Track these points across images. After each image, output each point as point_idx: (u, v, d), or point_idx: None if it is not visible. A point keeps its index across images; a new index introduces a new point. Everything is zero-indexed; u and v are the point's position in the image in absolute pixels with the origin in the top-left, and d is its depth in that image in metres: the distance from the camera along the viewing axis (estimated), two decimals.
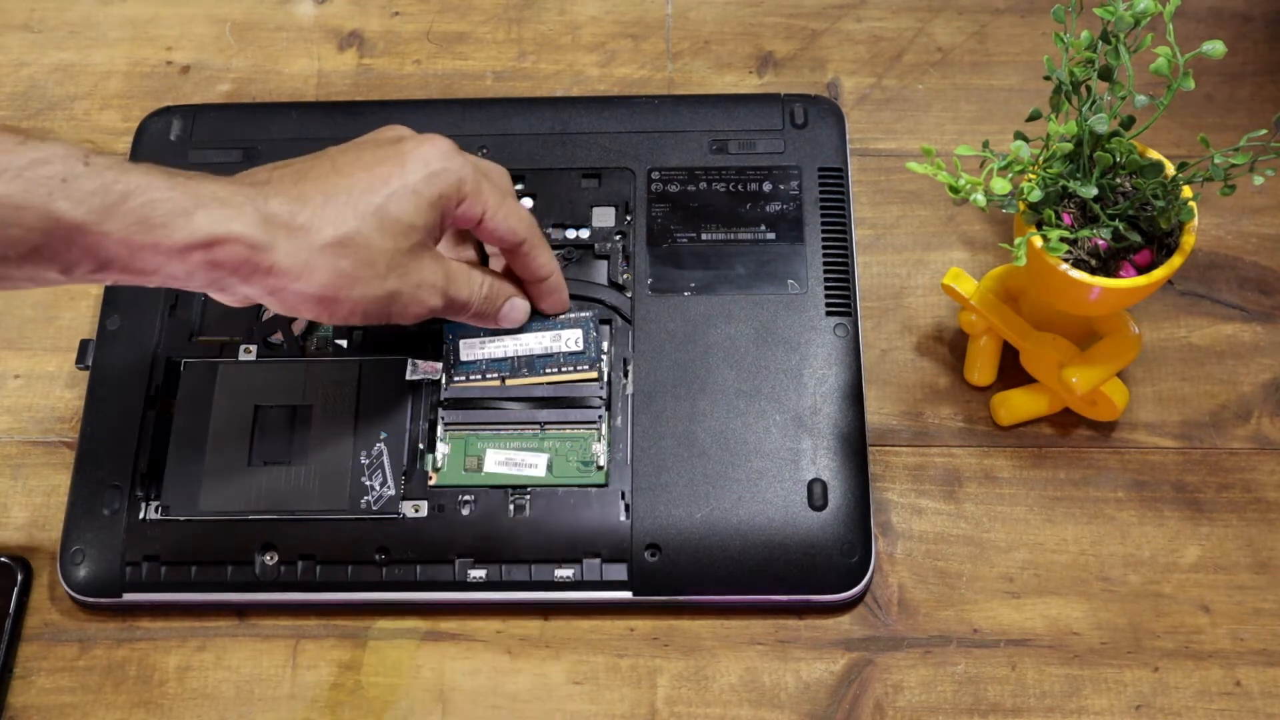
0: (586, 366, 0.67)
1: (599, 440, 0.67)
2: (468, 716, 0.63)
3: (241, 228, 0.54)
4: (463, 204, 0.61)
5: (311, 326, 0.70)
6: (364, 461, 0.66)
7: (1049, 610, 0.65)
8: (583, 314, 0.69)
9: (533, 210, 0.72)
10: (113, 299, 0.71)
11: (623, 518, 0.65)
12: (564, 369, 0.67)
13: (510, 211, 0.63)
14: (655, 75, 0.81)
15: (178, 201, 0.53)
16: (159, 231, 0.53)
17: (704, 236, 0.71)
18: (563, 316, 0.68)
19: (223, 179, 0.56)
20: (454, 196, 0.60)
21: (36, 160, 0.51)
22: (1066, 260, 0.60)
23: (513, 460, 0.66)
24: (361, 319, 0.59)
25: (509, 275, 0.67)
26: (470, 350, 0.68)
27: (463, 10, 0.84)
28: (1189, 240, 0.60)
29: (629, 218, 0.72)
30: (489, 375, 0.67)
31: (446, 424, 0.67)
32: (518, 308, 0.66)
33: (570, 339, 0.68)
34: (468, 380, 0.67)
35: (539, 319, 0.68)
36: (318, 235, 0.56)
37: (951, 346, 0.72)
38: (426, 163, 0.59)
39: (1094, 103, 0.57)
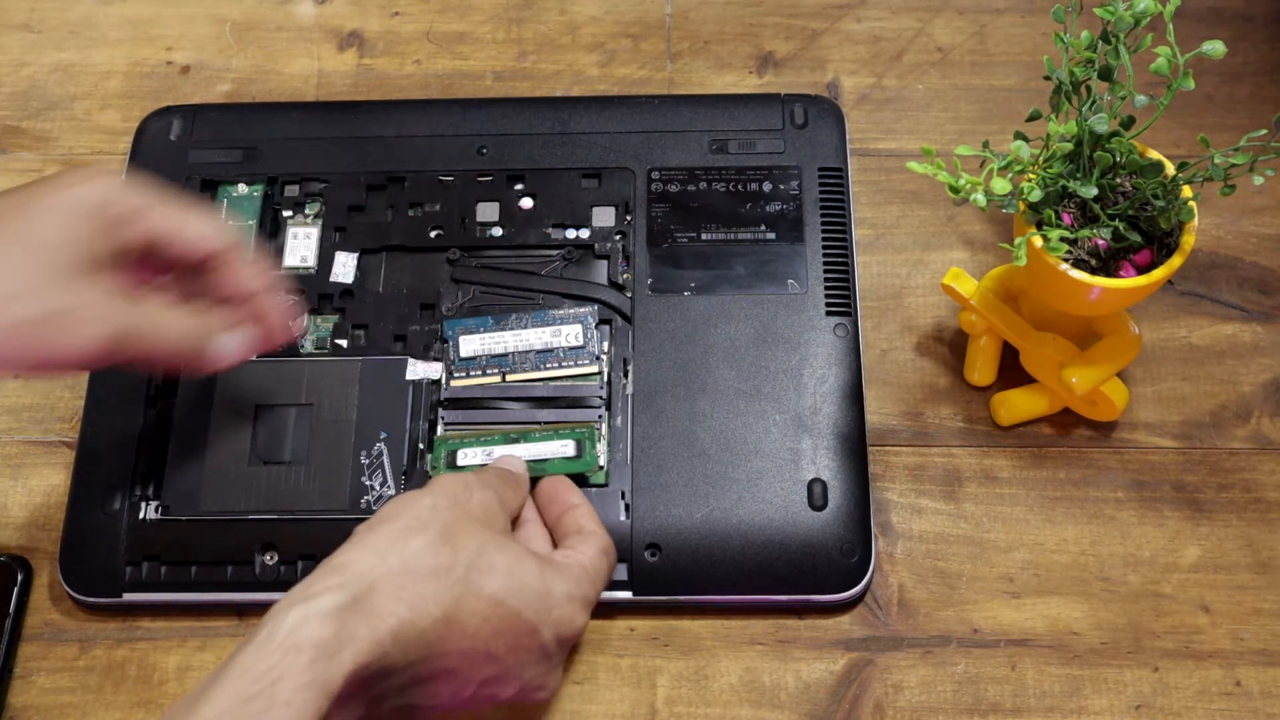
0: (587, 361, 0.68)
1: (599, 440, 0.67)
2: (468, 716, 0.63)
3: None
4: (130, 218, 0.57)
5: (311, 327, 0.70)
6: (364, 461, 0.66)
7: (1049, 610, 0.65)
8: (581, 309, 0.69)
9: (532, 210, 0.72)
10: None
11: (623, 518, 0.65)
12: (564, 364, 0.67)
13: (197, 220, 0.59)
14: (655, 75, 0.81)
15: None
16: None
17: (704, 236, 0.71)
18: (562, 312, 0.68)
19: None
20: (113, 208, 0.56)
21: None
22: (1066, 260, 0.60)
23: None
24: (17, 357, 0.54)
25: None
26: (470, 346, 0.68)
27: (463, 10, 0.84)
28: (1189, 240, 0.60)
29: (629, 218, 0.72)
30: (489, 371, 0.67)
31: (447, 424, 0.67)
32: (231, 342, 0.60)
33: (570, 334, 0.68)
34: (468, 376, 0.67)
35: (539, 314, 0.68)
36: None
37: (951, 346, 0.72)
38: (78, 180, 0.56)
39: (1094, 103, 0.57)
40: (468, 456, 0.65)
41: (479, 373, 0.68)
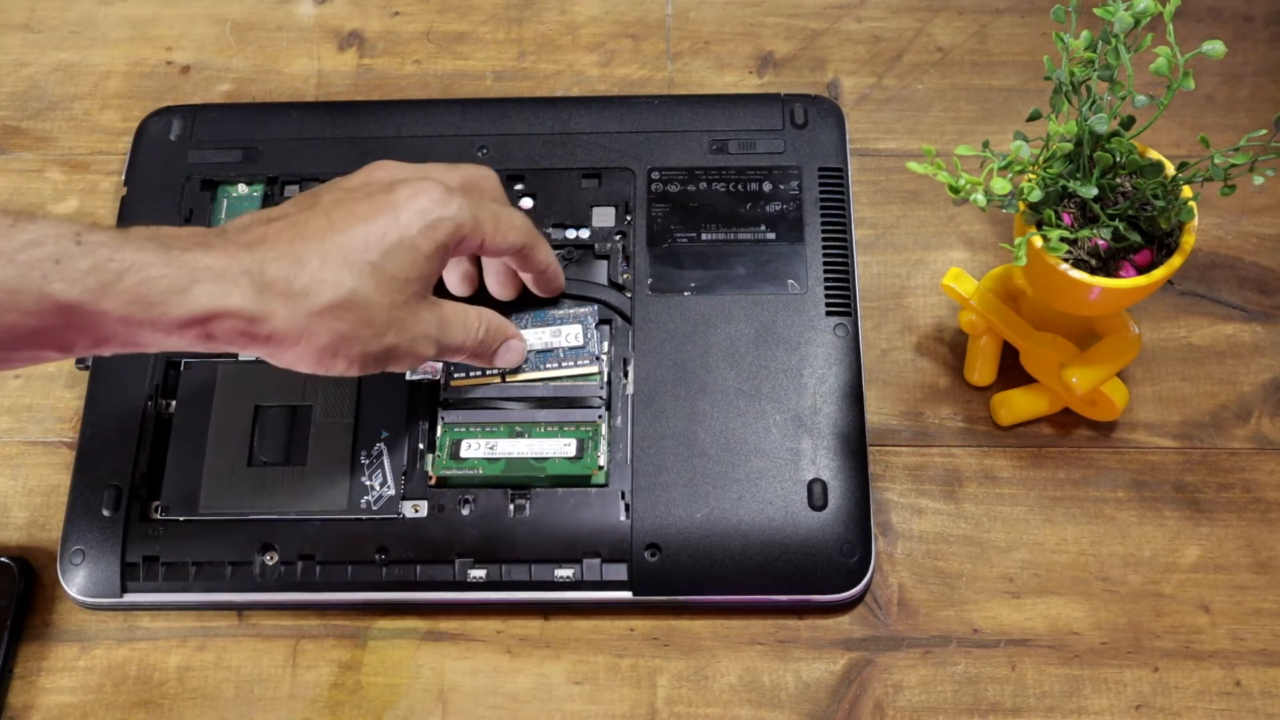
0: (587, 361, 0.68)
1: (600, 440, 0.66)
2: (468, 716, 0.63)
3: (239, 301, 0.54)
4: (461, 244, 0.60)
5: None
6: (364, 461, 0.66)
7: (1049, 610, 0.65)
8: (581, 309, 0.69)
9: (533, 210, 0.72)
10: None
11: (623, 518, 0.65)
12: (564, 364, 0.67)
13: (507, 226, 0.62)
14: (655, 75, 0.81)
15: (173, 278, 0.52)
16: (155, 309, 0.52)
17: (704, 236, 0.71)
18: (562, 312, 0.69)
19: (216, 244, 0.55)
20: (451, 243, 0.59)
21: (29, 243, 0.50)
22: (1066, 260, 0.60)
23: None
24: (358, 372, 0.58)
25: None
26: None
27: (463, 10, 0.84)
28: (1189, 240, 0.60)
29: (629, 218, 0.72)
30: (489, 371, 0.67)
31: (446, 424, 0.67)
32: (514, 349, 0.66)
33: (570, 334, 0.68)
34: (468, 377, 0.67)
35: (539, 314, 0.68)
36: (316, 299, 0.55)
37: (951, 346, 0.72)
38: (423, 214, 0.58)
39: (1094, 103, 0.57)
40: (471, 448, 0.66)
41: (479, 373, 0.68)
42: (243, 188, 0.74)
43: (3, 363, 0.52)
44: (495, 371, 0.67)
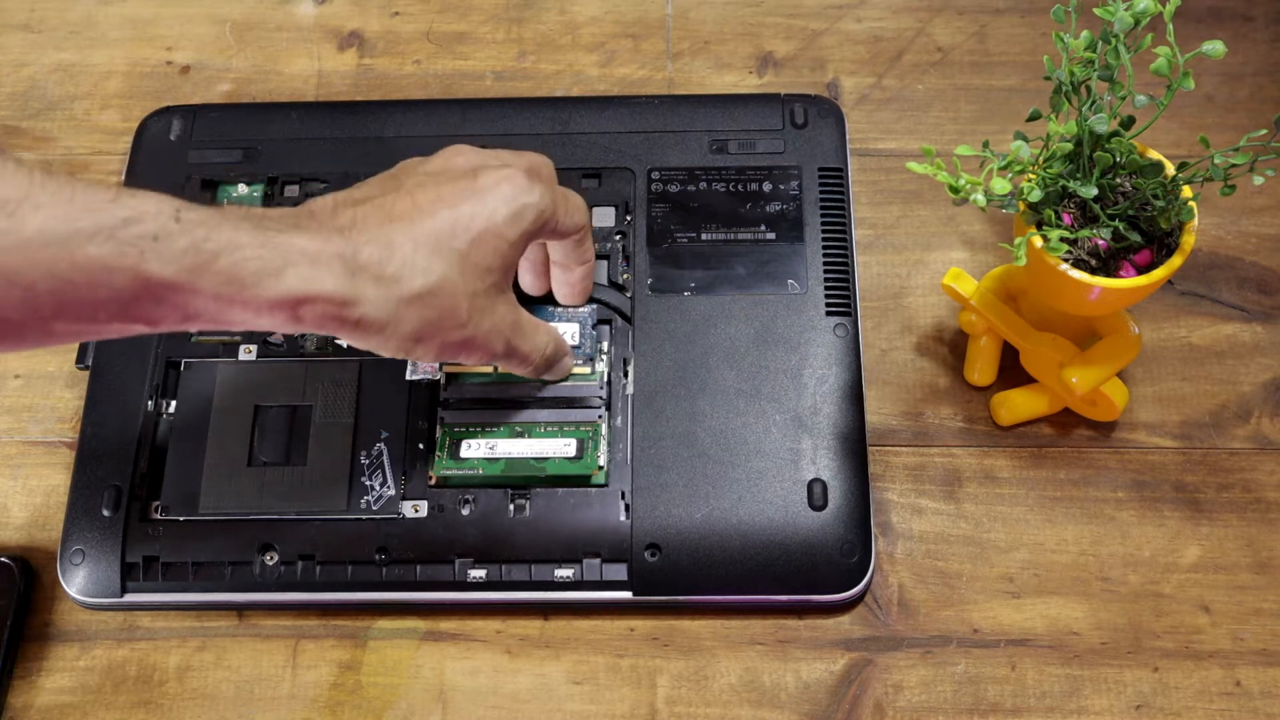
0: (583, 360, 0.68)
1: (600, 441, 0.66)
2: (468, 716, 0.63)
3: (331, 286, 0.53)
4: (540, 230, 0.60)
5: None
6: (364, 461, 0.66)
7: (1049, 610, 0.65)
8: (579, 309, 0.69)
9: None
10: None
11: (623, 518, 0.65)
12: None
13: (574, 207, 0.63)
14: (655, 75, 0.81)
15: (267, 259, 0.52)
16: (248, 290, 0.52)
17: (704, 236, 0.71)
18: (560, 310, 0.69)
19: (308, 226, 0.55)
20: (535, 230, 0.60)
21: (129, 219, 0.50)
22: (1066, 260, 0.60)
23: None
24: (432, 360, 0.60)
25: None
26: None
27: (463, 10, 0.84)
28: (1189, 240, 0.60)
29: (629, 218, 0.72)
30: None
31: (446, 424, 0.67)
32: (566, 366, 0.67)
33: (567, 332, 0.68)
34: (464, 368, 0.68)
35: (537, 312, 0.68)
36: (407, 285, 0.55)
37: (951, 346, 0.72)
38: (509, 201, 0.58)
39: (1094, 103, 0.57)
40: (471, 448, 0.66)
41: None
42: (243, 188, 0.74)
43: (89, 334, 0.52)
44: (494, 367, 0.68)
